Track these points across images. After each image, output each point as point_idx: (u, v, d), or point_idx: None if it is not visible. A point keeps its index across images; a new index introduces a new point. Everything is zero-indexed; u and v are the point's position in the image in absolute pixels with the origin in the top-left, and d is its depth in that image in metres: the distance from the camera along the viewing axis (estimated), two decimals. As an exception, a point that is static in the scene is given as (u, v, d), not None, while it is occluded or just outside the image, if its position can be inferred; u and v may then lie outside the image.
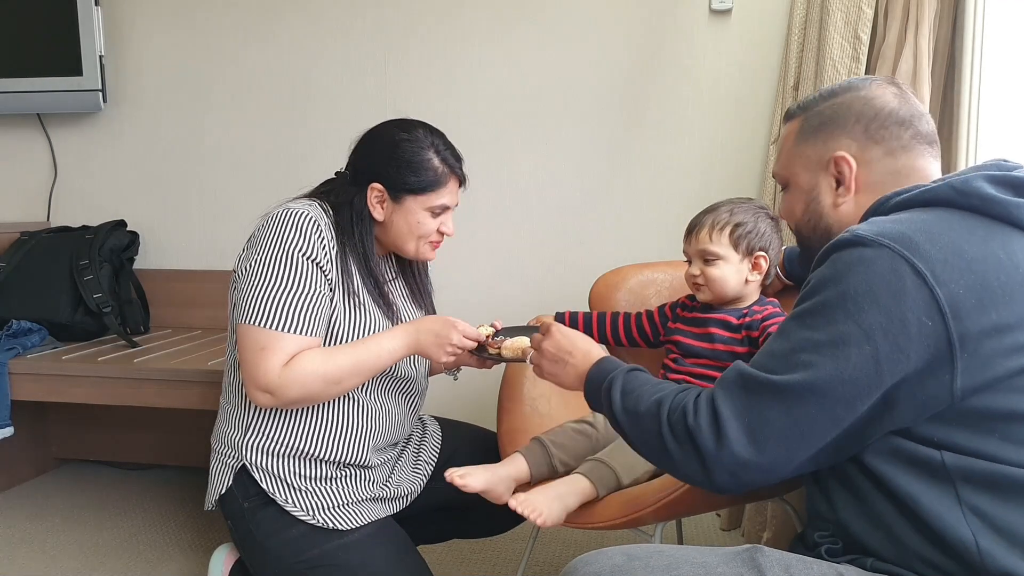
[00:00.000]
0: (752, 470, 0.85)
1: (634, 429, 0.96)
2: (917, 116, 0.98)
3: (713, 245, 1.38)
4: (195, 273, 2.40)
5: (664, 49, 2.09)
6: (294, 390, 1.24)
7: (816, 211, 1.02)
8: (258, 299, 1.25)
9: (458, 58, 2.20)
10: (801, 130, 1.03)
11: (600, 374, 1.04)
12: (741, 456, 0.84)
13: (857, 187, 0.98)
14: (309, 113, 2.30)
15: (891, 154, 0.96)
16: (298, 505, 1.32)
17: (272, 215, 1.31)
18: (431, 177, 1.35)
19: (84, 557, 1.95)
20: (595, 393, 1.04)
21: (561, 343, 1.12)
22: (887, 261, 0.81)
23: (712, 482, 0.87)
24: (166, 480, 2.45)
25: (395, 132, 1.36)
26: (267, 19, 2.30)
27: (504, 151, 2.21)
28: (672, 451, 0.90)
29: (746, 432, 0.84)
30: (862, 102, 0.98)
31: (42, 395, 2.01)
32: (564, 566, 0.95)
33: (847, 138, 0.98)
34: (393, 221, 1.37)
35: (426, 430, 1.59)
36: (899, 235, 0.83)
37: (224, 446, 1.39)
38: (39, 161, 2.50)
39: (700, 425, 0.87)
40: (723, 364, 1.38)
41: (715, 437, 0.86)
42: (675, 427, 0.90)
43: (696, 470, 0.88)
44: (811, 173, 1.01)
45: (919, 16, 1.70)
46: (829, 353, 0.82)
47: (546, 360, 1.13)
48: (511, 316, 1.96)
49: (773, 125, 1.99)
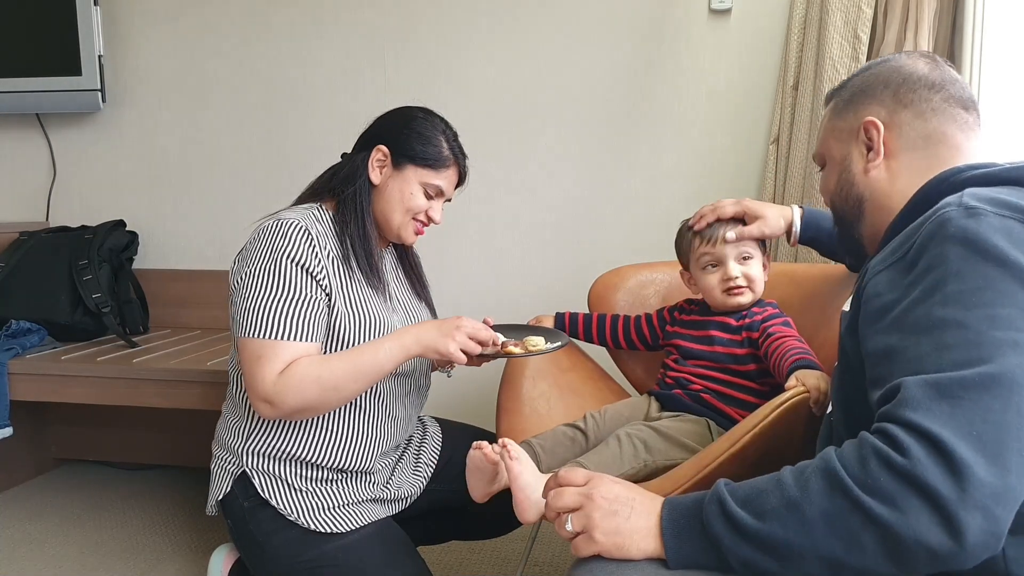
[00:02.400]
0: (1004, 500, 0.64)
1: (800, 527, 0.69)
2: (950, 81, 0.95)
3: (748, 245, 1.38)
4: (194, 273, 2.40)
5: (663, 49, 2.09)
6: (291, 397, 1.22)
7: (847, 180, 0.99)
8: (251, 310, 1.24)
9: (457, 58, 2.20)
10: (835, 109, 1.02)
11: (685, 502, 0.78)
12: (988, 481, 0.63)
13: (887, 151, 0.95)
14: (308, 113, 2.30)
15: (921, 116, 0.93)
16: (298, 506, 1.32)
17: (261, 227, 1.30)
18: (436, 153, 1.37)
19: (83, 557, 1.95)
20: (689, 529, 0.76)
21: (615, 489, 0.82)
22: (1018, 225, 0.74)
23: (962, 536, 0.63)
24: (165, 480, 2.44)
25: (414, 110, 1.41)
26: (266, 19, 2.30)
27: (503, 151, 2.20)
28: (885, 520, 0.65)
29: (978, 449, 0.64)
30: (891, 70, 0.96)
31: (41, 395, 2.00)
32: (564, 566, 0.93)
33: (876, 104, 0.96)
34: (388, 186, 1.37)
35: (426, 431, 1.59)
36: (1016, 205, 0.76)
37: (225, 452, 1.39)
38: (38, 161, 2.50)
39: (918, 460, 0.64)
40: (723, 366, 1.38)
41: (946, 468, 0.64)
42: (875, 483, 0.65)
43: (934, 529, 0.64)
44: (843, 144, 1.00)
45: (919, 15, 1.70)
46: (1022, 325, 0.69)
47: (598, 512, 0.80)
48: (510, 316, 1.97)
49: (773, 125, 1.99)
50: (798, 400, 1.06)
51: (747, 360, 1.36)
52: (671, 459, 1.26)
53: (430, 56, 2.22)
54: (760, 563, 0.71)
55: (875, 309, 0.80)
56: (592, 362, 1.66)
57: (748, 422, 1.05)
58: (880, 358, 0.77)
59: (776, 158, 1.97)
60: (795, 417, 1.06)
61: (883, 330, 0.78)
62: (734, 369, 1.37)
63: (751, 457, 1.05)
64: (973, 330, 0.69)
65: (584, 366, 1.64)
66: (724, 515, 0.73)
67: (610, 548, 0.78)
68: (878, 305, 0.80)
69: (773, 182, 1.96)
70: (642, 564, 0.76)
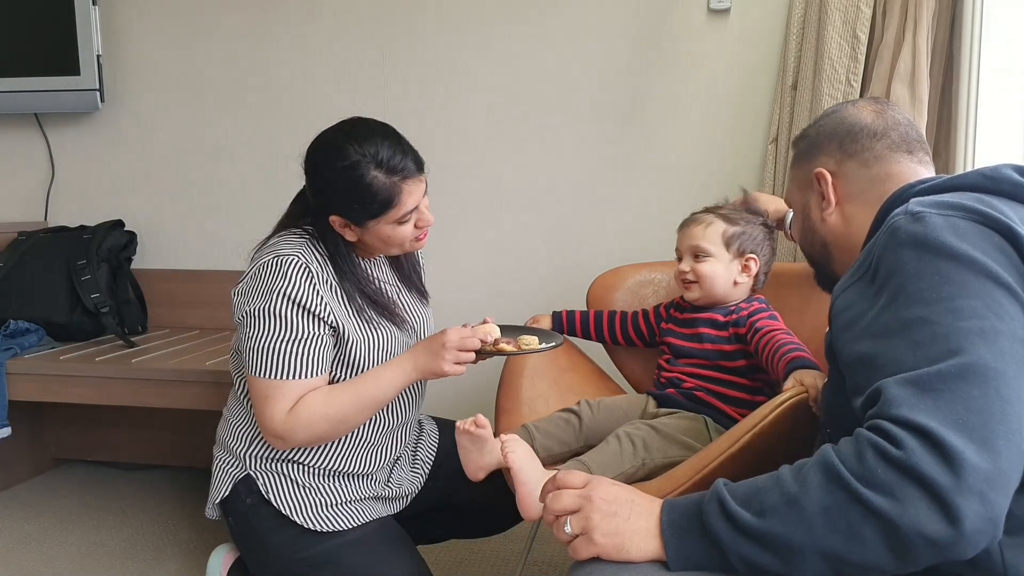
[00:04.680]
0: (997, 485, 0.65)
1: (800, 523, 0.69)
2: (893, 127, 1.01)
3: (705, 242, 1.38)
4: (193, 273, 2.39)
5: (662, 48, 2.09)
6: (301, 433, 1.25)
7: (809, 227, 1.07)
8: (257, 351, 1.25)
9: (456, 57, 2.20)
10: (795, 157, 1.10)
11: (684, 502, 0.78)
12: (981, 467, 0.64)
13: (838, 198, 1.02)
14: (307, 112, 2.30)
15: (865, 165, 1.00)
16: (300, 503, 1.33)
17: (260, 264, 1.27)
18: (382, 198, 1.24)
19: (81, 557, 1.95)
20: (688, 530, 0.76)
21: (614, 490, 0.82)
22: (962, 221, 0.78)
23: (960, 523, 0.64)
24: (164, 480, 2.44)
25: (331, 161, 1.26)
26: (265, 19, 2.29)
27: (501, 151, 2.20)
28: (884, 511, 0.65)
29: (967, 436, 0.65)
30: (838, 122, 1.04)
31: (40, 395, 2.00)
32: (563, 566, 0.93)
33: (825, 155, 1.04)
34: (366, 241, 1.32)
35: (423, 429, 1.59)
36: (956, 204, 0.80)
37: (227, 454, 1.40)
38: (36, 161, 2.49)
39: (912, 451, 0.65)
40: (713, 363, 1.39)
41: (939, 456, 0.65)
42: (873, 475, 0.66)
43: (932, 517, 0.64)
44: (802, 193, 1.08)
45: (917, 15, 1.70)
46: (984, 313, 0.71)
47: (597, 514, 0.80)
48: (509, 316, 1.96)
49: (772, 125, 1.99)
50: (798, 400, 1.06)
51: (736, 356, 1.37)
52: (669, 457, 1.26)
53: (429, 55, 2.21)
54: (761, 560, 0.71)
55: (845, 322, 0.84)
56: (591, 362, 1.66)
57: (748, 422, 1.05)
58: (857, 366, 0.79)
59: (775, 158, 1.97)
60: (795, 417, 1.06)
61: (855, 339, 0.80)
62: (724, 366, 1.38)
63: (751, 457, 1.05)
64: (939, 324, 0.72)
65: (583, 366, 1.64)
66: (724, 514, 0.73)
67: (610, 550, 0.78)
68: (848, 318, 0.84)
69: (772, 182, 1.96)
70: (642, 566, 0.76)
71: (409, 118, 2.15)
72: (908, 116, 1.05)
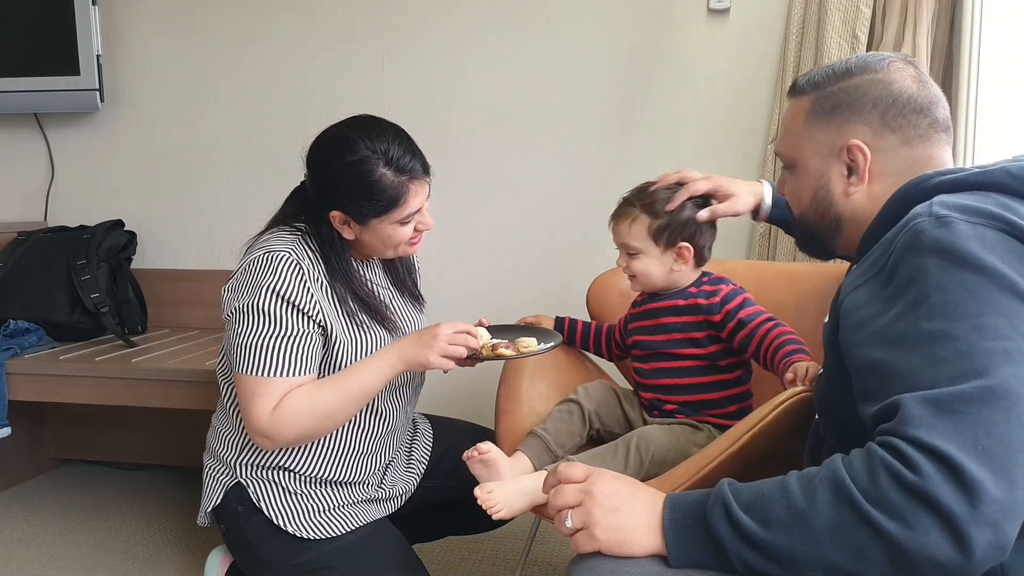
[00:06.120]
0: (1012, 515, 0.64)
1: (806, 538, 0.68)
2: (935, 102, 0.92)
3: (632, 239, 1.34)
4: (193, 273, 2.39)
5: (662, 48, 2.09)
6: (287, 431, 1.23)
7: (825, 199, 0.95)
8: (244, 348, 1.23)
9: (456, 57, 2.20)
10: (812, 111, 0.95)
11: (688, 500, 0.77)
12: (998, 497, 0.63)
13: (871, 176, 0.91)
14: (306, 112, 2.30)
15: (908, 143, 0.90)
16: (293, 510, 1.32)
17: (251, 259, 1.26)
18: (389, 196, 1.25)
19: (81, 558, 1.95)
20: (692, 530, 0.75)
21: (615, 484, 0.81)
22: (989, 231, 0.74)
23: (971, 552, 0.63)
24: (164, 480, 2.44)
25: (341, 155, 1.25)
26: (265, 19, 2.29)
27: (501, 150, 2.20)
28: (894, 535, 0.64)
29: (986, 463, 0.64)
30: (879, 86, 0.91)
31: (39, 395, 2.00)
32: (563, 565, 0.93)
33: (862, 124, 0.91)
34: (364, 240, 1.31)
35: (417, 428, 1.58)
36: (983, 210, 0.76)
37: (217, 463, 1.39)
38: (36, 161, 2.49)
39: (929, 477, 0.64)
40: (683, 361, 1.34)
41: (957, 484, 0.63)
42: (885, 498, 0.65)
43: (943, 545, 0.63)
44: (821, 159, 0.95)
45: (917, 15, 1.70)
46: (1010, 333, 0.69)
47: (598, 509, 0.78)
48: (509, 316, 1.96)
49: (771, 125, 1.99)
50: (798, 400, 1.06)
51: (706, 343, 1.33)
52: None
53: (428, 56, 2.21)
54: (763, 568, 0.71)
55: (855, 323, 0.80)
56: (591, 362, 1.66)
57: (748, 422, 1.05)
58: (867, 372, 0.76)
59: (775, 157, 1.97)
60: (795, 417, 1.06)
61: (866, 343, 0.78)
62: (696, 354, 1.34)
63: (751, 457, 1.05)
64: (963, 341, 0.69)
65: (583, 366, 1.64)
66: (728, 519, 0.72)
67: (611, 544, 0.77)
68: (858, 319, 0.80)
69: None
70: (642, 561, 0.76)
71: (409, 119, 2.12)
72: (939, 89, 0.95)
